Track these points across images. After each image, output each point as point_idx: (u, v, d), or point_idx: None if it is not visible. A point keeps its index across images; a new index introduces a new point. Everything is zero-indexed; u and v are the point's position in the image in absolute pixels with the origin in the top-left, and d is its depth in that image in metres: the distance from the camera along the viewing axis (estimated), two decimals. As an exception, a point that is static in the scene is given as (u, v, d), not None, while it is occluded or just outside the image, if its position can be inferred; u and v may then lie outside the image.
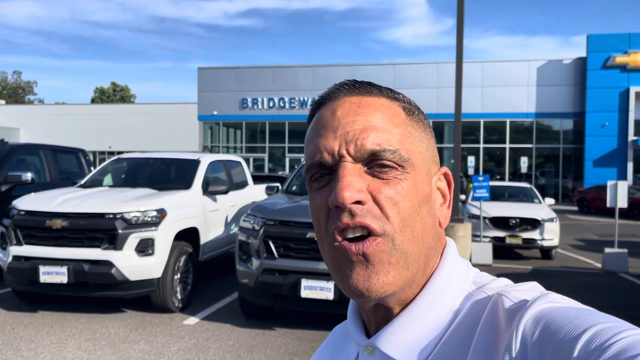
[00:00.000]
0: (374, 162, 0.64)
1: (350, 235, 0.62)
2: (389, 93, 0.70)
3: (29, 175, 7.46)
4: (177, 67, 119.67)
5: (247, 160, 30.18)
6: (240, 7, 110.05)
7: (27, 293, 6.26)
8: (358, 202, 0.62)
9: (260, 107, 29.61)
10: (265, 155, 30.25)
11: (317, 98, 0.72)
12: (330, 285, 5.12)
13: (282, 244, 5.39)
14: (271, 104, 29.47)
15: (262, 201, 6.25)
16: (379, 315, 0.68)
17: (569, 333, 0.52)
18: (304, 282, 5.18)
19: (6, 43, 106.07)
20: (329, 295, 5.12)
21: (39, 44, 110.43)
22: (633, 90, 25.04)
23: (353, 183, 0.62)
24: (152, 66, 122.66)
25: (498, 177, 27.40)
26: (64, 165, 8.93)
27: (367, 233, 0.62)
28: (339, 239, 0.63)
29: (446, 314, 0.65)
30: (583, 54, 26.06)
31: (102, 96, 67.85)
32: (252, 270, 5.47)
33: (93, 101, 65.05)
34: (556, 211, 21.30)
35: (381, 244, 0.62)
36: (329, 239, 0.64)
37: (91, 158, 7.80)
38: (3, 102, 49.64)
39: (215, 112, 30.06)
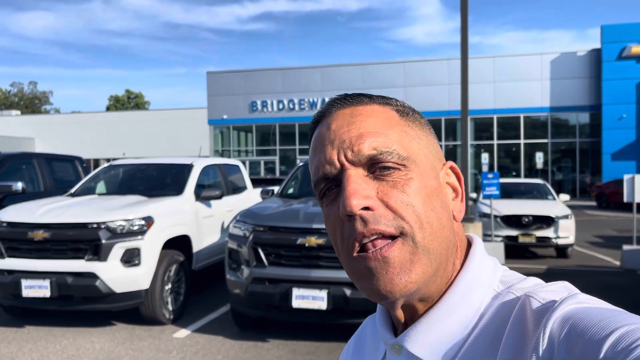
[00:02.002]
0: (375, 167, 0.64)
1: (366, 241, 0.62)
2: (381, 99, 0.72)
3: (19, 185, 7.25)
4: (191, 73, 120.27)
5: (258, 163, 30.08)
6: (252, 11, 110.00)
7: (14, 307, 6.05)
8: (367, 209, 0.62)
9: (269, 109, 29.39)
10: (277, 158, 30.03)
11: (313, 117, 0.74)
12: (323, 294, 4.81)
13: (272, 251, 5.08)
14: (281, 106, 29.24)
15: (253, 206, 5.96)
16: (405, 314, 0.69)
17: (596, 334, 0.52)
18: (295, 292, 4.87)
19: (22, 54, 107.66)
20: (322, 305, 4.81)
21: (54, 54, 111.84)
22: (651, 80, 24.33)
23: (358, 190, 0.62)
24: (166, 72, 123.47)
25: (514, 173, 26.85)
26: (60, 173, 8.74)
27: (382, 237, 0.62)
28: (355, 254, 0.63)
29: (473, 314, 0.65)
30: (597, 45, 25.40)
31: (117, 104, 68.34)
32: (242, 279, 5.17)
33: (108, 109, 65.51)
34: (574, 207, 20.87)
35: (400, 244, 0.62)
36: (347, 251, 0.64)
37: (103, 165, 7.59)
38: (18, 112, 50.16)
39: (225, 116, 29.91)
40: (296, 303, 4.86)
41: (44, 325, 5.94)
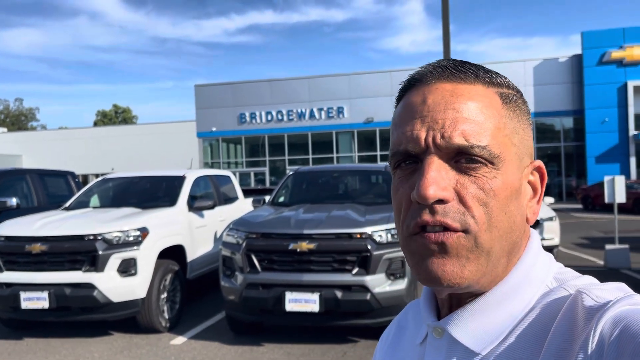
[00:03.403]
0: (462, 156, 0.62)
1: (429, 231, 0.61)
2: (487, 77, 0.66)
3: (14, 201, 7.37)
4: (179, 86, 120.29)
5: (248, 175, 30.22)
6: (239, 24, 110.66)
7: (12, 320, 6.16)
8: (441, 201, 0.60)
9: (258, 121, 29.60)
10: (266, 169, 30.19)
11: (408, 77, 0.69)
12: (315, 297, 4.98)
13: (265, 257, 5.25)
14: (269, 118, 29.46)
15: (246, 214, 6.14)
16: (452, 299, 0.68)
17: None
18: (289, 295, 5.04)
19: (8, 71, 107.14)
20: (314, 308, 4.98)
21: (40, 70, 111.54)
22: (631, 84, 24.86)
23: (438, 180, 0.60)
24: (153, 86, 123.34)
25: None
26: (53, 188, 8.86)
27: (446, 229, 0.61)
28: (417, 230, 0.62)
29: (522, 308, 0.64)
30: (579, 51, 25.93)
31: (104, 119, 68.22)
32: (236, 285, 5.33)
33: (95, 124, 65.33)
34: (561, 210, 21.22)
35: (462, 238, 0.60)
36: (408, 230, 0.63)
37: (92, 180, 7.70)
38: (4, 129, 49.93)
39: (214, 129, 30.07)
40: (289, 307, 5.03)
41: (42, 336, 6.05)
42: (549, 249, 10.52)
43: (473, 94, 0.64)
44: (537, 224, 10.29)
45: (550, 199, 12.45)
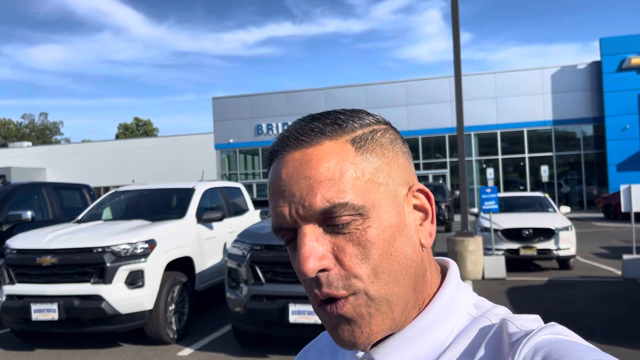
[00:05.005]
0: (329, 219, 0.61)
1: (323, 299, 0.63)
2: (334, 131, 0.65)
3: (29, 214, 7.54)
4: (199, 99, 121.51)
5: (265, 186, 30.35)
6: (258, 37, 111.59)
7: (25, 332, 6.27)
8: (323, 269, 0.61)
9: (275, 132, 29.77)
10: (284, 180, 30.28)
11: (268, 152, 0.69)
12: (319, 308, 4.98)
13: (269, 268, 5.28)
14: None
15: (251, 226, 6.18)
16: None
17: None
18: (292, 307, 5.05)
19: (33, 86, 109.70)
20: (318, 320, 4.98)
21: (65, 85, 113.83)
22: (652, 91, 24.45)
23: (313, 251, 0.61)
24: (174, 99, 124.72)
25: (521, 187, 26.92)
26: (68, 201, 9.03)
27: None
28: (316, 305, 0.64)
29: (448, 334, 0.66)
30: (598, 58, 25.61)
31: (126, 132, 69.30)
32: (241, 297, 5.37)
33: (117, 137, 66.41)
34: (581, 219, 20.89)
35: (353, 301, 0.61)
36: (312, 301, 0.65)
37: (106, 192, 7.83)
38: (29, 143, 51.03)
39: (231, 140, 30.34)
40: (293, 318, 5.04)
41: (53, 348, 6.14)
42: (565, 259, 10.36)
43: (321, 155, 0.63)
44: (552, 234, 10.15)
45: (566, 208, 12.29)
